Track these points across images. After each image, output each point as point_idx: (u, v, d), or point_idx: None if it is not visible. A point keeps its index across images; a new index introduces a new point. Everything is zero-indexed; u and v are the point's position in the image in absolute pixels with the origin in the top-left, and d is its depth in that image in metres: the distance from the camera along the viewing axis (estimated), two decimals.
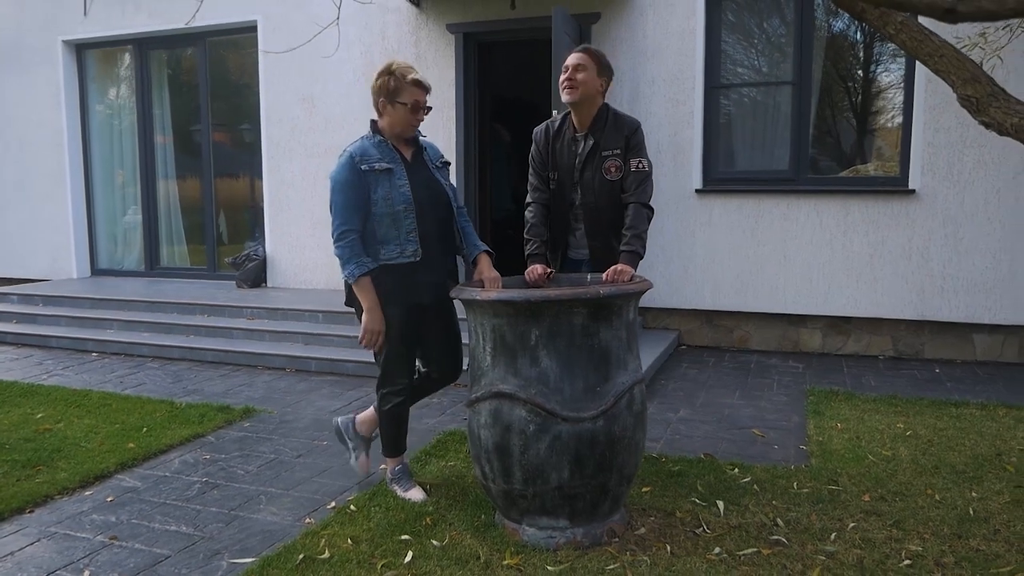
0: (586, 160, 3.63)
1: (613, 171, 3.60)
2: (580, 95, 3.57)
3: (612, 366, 2.99)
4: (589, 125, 3.64)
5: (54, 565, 3.04)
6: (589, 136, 3.63)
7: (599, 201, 3.63)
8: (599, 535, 3.08)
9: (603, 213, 3.63)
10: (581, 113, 3.64)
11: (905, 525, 3.20)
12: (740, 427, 4.64)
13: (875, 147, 6.81)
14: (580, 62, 3.57)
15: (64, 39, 9.10)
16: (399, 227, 3.36)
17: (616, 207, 3.61)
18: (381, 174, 3.35)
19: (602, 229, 3.64)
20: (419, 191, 3.41)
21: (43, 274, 9.51)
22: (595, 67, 3.58)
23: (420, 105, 3.44)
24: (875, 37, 6.63)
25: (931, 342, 6.35)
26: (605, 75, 3.63)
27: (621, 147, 3.60)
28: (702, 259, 6.77)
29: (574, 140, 3.69)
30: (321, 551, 3.05)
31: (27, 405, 5.16)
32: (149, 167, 9.16)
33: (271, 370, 6.20)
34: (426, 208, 3.42)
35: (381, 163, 3.36)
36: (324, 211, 7.96)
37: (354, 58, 7.64)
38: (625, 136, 3.60)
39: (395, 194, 3.35)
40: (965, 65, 2.99)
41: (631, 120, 3.67)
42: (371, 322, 3.38)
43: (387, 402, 3.57)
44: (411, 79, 3.41)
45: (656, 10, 6.73)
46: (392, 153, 3.43)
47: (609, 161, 3.60)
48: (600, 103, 3.65)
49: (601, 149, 3.61)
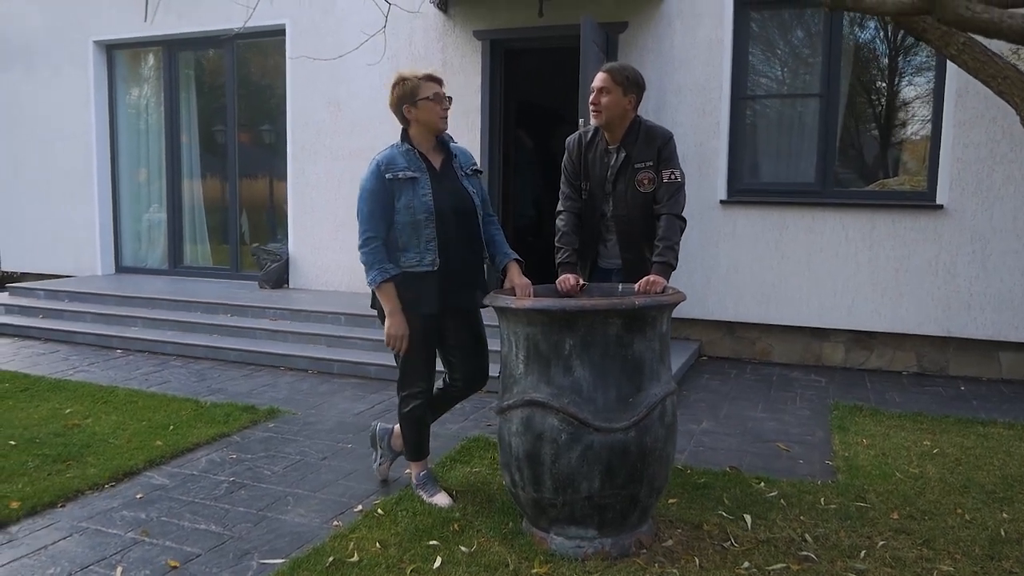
0: (618, 173, 3.65)
1: (646, 183, 3.61)
2: (605, 118, 3.61)
3: (645, 377, 2.99)
4: (621, 139, 3.65)
5: (87, 560, 3.07)
6: (621, 149, 3.65)
7: (631, 213, 3.64)
8: (627, 546, 3.08)
9: (636, 225, 3.64)
10: (612, 131, 3.66)
11: (935, 545, 3.18)
12: (764, 440, 4.63)
13: (902, 161, 6.78)
14: (603, 84, 3.58)
15: (95, 39, 9.21)
16: (419, 236, 3.40)
17: (649, 218, 3.62)
18: (405, 183, 3.40)
19: (635, 240, 3.65)
20: (442, 200, 3.43)
21: (69, 270, 9.60)
22: (620, 88, 3.58)
23: (441, 95, 3.48)
24: (903, 51, 6.61)
25: (956, 359, 6.30)
26: (632, 92, 3.61)
27: (653, 159, 3.61)
28: (725, 270, 6.76)
29: (606, 152, 3.70)
30: (350, 554, 3.06)
31: (55, 400, 5.22)
32: (175, 166, 9.24)
33: (294, 371, 6.24)
34: (449, 217, 3.44)
35: (406, 172, 3.41)
36: (347, 214, 8.01)
37: (381, 63, 7.67)
38: (657, 148, 3.61)
39: (416, 203, 3.39)
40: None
41: (663, 131, 3.68)
42: (392, 326, 3.41)
43: (406, 404, 3.59)
44: (423, 75, 3.48)
45: (684, 20, 6.74)
46: (419, 162, 3.47)
47: (642, 174, 3.61)
48: (631, 118, 3.66)
49: (634, 162, 3.62)
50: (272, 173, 8.87)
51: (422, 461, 3.69)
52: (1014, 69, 3.04)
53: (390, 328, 3.41)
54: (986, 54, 3.08)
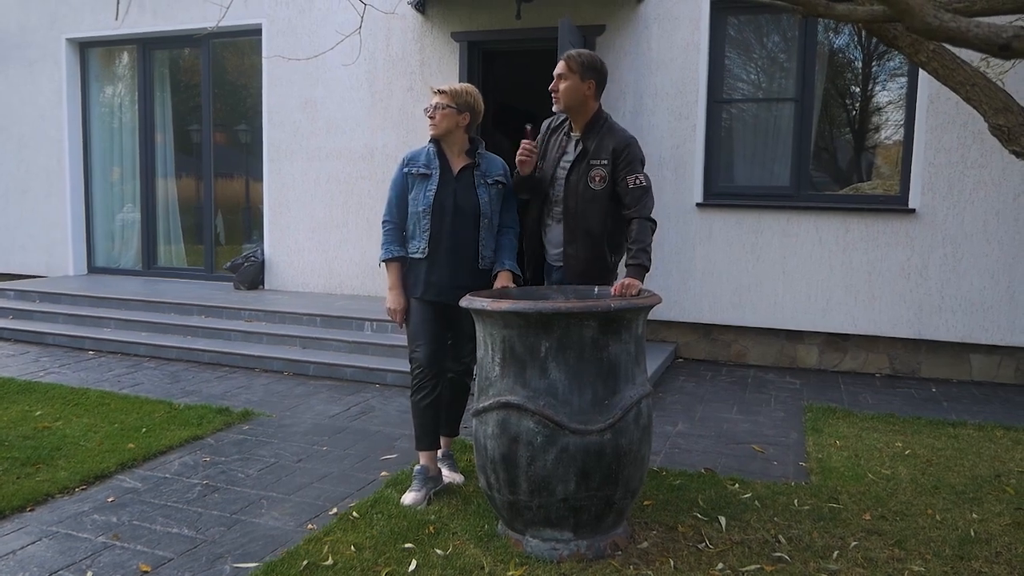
0: (573, 164, 3.66)
1: (598, 180, 3.60)
2: (564, 104, 3.65)
3: (620, 379, 3.00)
4: (583, 130, 3.68)
5: (56, 565, 3.03)
6: (580, 142, 3.67)
7: (579, 207, 3.63)
8: (603, 548, 3.09)
9: (580, 221, 3.63)
10: (574, 118, 3.71)
11: (907, 545, 3.22)
12: (739, 442, 4.66)
13: (875, 165, 6.86)
14: (560, 71, 3.63)
15: (68, 37, 9.09)
16: (419, 226, 3.71)
17: (594, 217, 3.60)
18: (418, 178, 3.73)
19: (576, 237, 3.64)
20: (446, 198, 3.69)
21: (40, 270, 9.47)
22: (576, 74, 3.61)
23: (429, 106, 3.75)
24: (876, 56, 6.69)
25: (928, 361, 6.38)
26: (590, 77, 3.62)
27: (608, 159, 3.59)
28: (701, 272, 6.80)
29: (568, 137, 3.76)
30: (324, 558, 3.04)
31: (25, 402, 5.14)
32: (149, 166, 9.15)
33: (269, 373, 6.19)
34: (447, 214, 3.68)
35: (421, 169, 3.73)
36: (324, 214, 7.98)
37: (358, 63, 7.64)
38: (613, 149, 3.59)
39: (421, 197, 3.70)
40: (997, 95, 3.02)
41: (624, 136, 3.66)
42: (389, 300, 3.79)
43: (412, 377, 3.75)
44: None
45: (661, 24, 6.77)
46: (436, 161, 3.74)
47: (595, 170, 3.60)
48: (592, 107, 3.67)
49: (590, 156, 3.62)
50: (248, 173, 8.80)
51: (422, 453, 3.74)
52: (982, 77, 3.09)
53: (387, 302, 3.80)
54: (955, 61, 3.13)
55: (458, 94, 3.73)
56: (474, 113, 3.77)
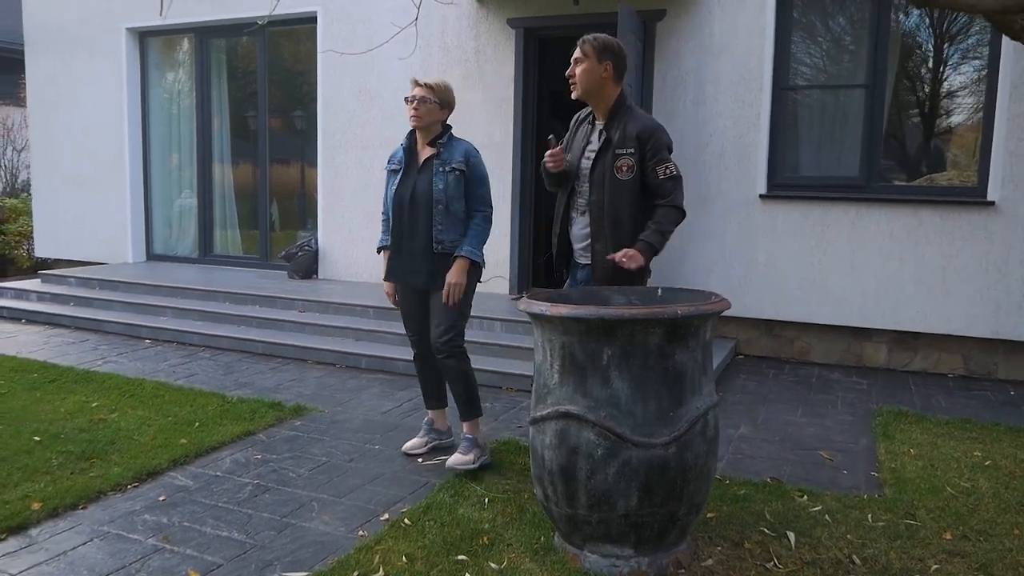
0: (598, 156, 3.50)
1: (624, 170, 3.43)
2: (582, 89, 3.53)
3: (687, 390, 2.84)
4: (606, 117, 3.53)
5: (106, 568, 2.99)
6: (604, 131, 3.52)
7: (605, 199, 3.47)
8: (664, 566, 2.94)
9: (607, 214, 3.47)
10: (594, 105, 3.59)
11: (993, 569, 3.00)
12: (805, 448, 4.45)
13: (951, 155, 6.51)
14: (576, 56, 3.52)
15: (128, 27, 9.17)
16: (387, 217, 4.06)
17: (623, 208, 3.45)
18: (392, 174, 4.05)
19: (604, 232, 3.48)
20: (404, 191, 3.94)
21: (100, 257, 9.62)
22: (592, 57, 3.47)
23: (409, 97, 3.89)
24: (949, 38, 6.33)
25: (1005, 362, 6.06)
26: (607, 59, 3.47)
27: (635, 147, 3.43)
28: (764, 266, 6.55)
29: (592, 127, 3.62)
30: (375, 568, 2.95)
31: (82, 392, 5.17)
32: (206, 152, 9.20)
33: (321, 365, 6.15)
34: (405, 206, 3.94)
35: (392, 165, 4.04)
36: (377, 205, 7.90)
37: (413, 52, 7.53)
38: (637, 136, 3.42)
39: (388, 191, 4.04)
40: None
41: (649, 122, 3.50)
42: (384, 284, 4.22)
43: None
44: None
45: (724, 7, 6.51)
46: (406, 156, 3.99)
47: (622, 160, 3.44)
48: (612, 92, 3.52)
49: (615, 146, 3.46)
50: (303, 160, 8.79)
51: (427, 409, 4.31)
52: None
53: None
54: None
55: (441, 90, 3.90)
56: (451, 109, 3.98)
